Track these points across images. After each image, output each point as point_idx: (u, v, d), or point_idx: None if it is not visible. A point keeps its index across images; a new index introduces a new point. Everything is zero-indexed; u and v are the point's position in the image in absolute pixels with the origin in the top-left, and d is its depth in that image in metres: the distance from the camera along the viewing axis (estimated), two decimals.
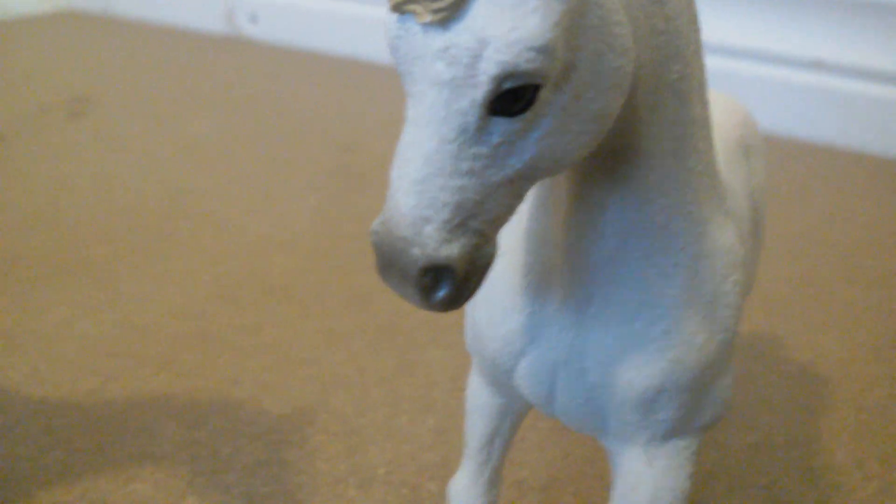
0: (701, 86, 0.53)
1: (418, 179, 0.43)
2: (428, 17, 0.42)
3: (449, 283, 0.44)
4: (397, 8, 0.44)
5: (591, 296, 0.56)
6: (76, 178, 1.86)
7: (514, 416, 0.71)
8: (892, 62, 2.32)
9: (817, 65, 2.39)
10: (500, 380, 0.65)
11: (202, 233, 1.62)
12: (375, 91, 2.59)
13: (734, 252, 0.58)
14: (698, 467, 1.05)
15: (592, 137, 0.46)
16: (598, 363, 0.56)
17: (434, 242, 0.43)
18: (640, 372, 0.56)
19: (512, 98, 0.42)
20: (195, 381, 1.17)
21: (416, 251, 0.43)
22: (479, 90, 0.42)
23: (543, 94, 0.43)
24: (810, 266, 1.62)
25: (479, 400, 0.71)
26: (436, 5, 0.42)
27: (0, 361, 1.20)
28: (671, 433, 0.59)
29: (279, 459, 1.04)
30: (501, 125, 0.43)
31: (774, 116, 2.42)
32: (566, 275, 0.56)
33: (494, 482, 0.75)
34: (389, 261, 0.45)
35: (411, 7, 0.43)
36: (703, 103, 0.54)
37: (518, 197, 0.46)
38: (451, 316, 1.36)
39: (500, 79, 0.41)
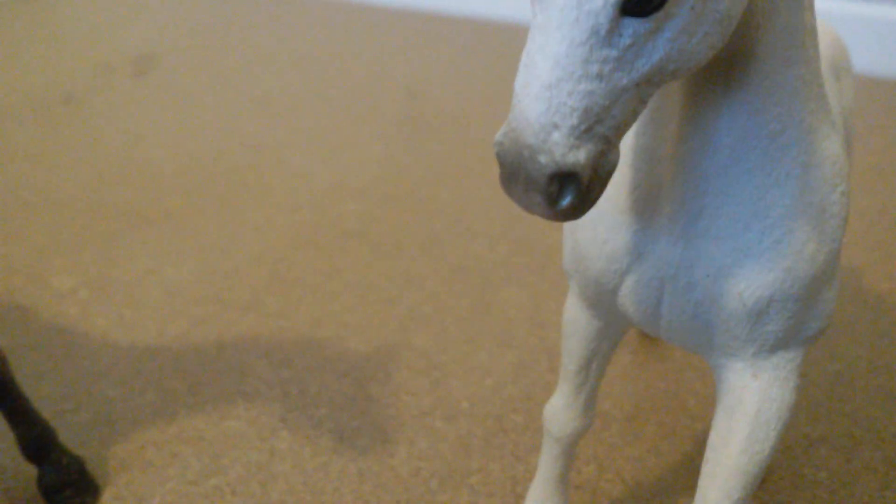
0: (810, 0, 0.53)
1: (547, 84, 0.43)
2: None
3: (574, 190, 0.44)
4: None
5: (703, 208, 0.55)
6: (147, 134, 1.90)
7: (612, 338, 0.72)
8: None
9: None
10: (603, 300, 0.65)
11: (275, 182, 1.65)
12: (436, 42, 2.59)
13: (841, 162, 0.57)
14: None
15: (718, 39, 0.46)
16: (708, 276, 0.56)
17: (562, 149, 0.43)
18: (751, 283, 0.55)
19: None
20: (280, 322, 1.21)
21: (543, 158, 0.43)
22: None
23: None
24: (885, 198, 1.60)
25: (577, 323, 0.71)
26: None
27: (87, 310, 1.25)
28: (778, 345, 0.59)
29: (366, 395, 1.06)
30: (632, 26, 0.43)
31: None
32: (677, 188, 0.56)
33: (590, 404, 0.76)
34: (515, 170, 0.44)
35: None
36: (813, 11, 0.53)
37: (643, 102, 0.45)
38: (524, 256, 1.37)
39: None
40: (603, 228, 0.61)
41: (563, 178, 0.44)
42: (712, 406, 1.06)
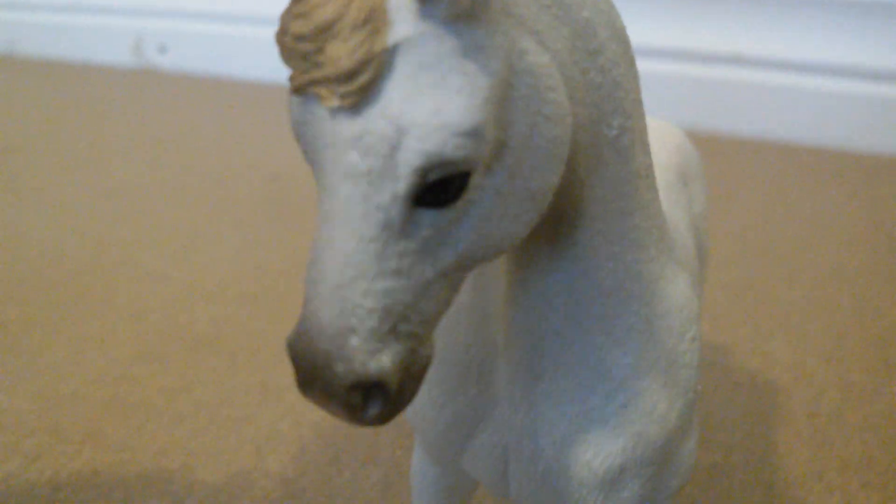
0: (642, 133, 0.49)
1: (338, 285, 0.37)
2: (335, 102, 0.36)
3: (381, 399, 0.38)
4: (299, 90, 0.37)
5: (541, 371, 0.51)
6: None
7: (464, 491, 0.66)
8: (814, 52, 2.33)
9: (737, 59, 2.39)
10: (447, 460, 0.59)
11: (120, 286, 1.54)
12: None
13: (689, 306, 0.54)
14: None
15: (532, 216, 0.41)
16: (553, 444, 0.51)
17: (362, 355, 0.37)
18: (599, 451, 0.51)
19: (439, 188, 0.37)
20: (122, 454, 1.10)
21: (341, 367, 0.37)
22: (402, 182, 0.36)
23: (474, 180, 0.37)
24: (749, 269, 1.60)
25: (425, 478, 0.66)
26: (344, 88, 0.36)
27: None
28: None
29: None
30: (429, 217, 0.37)
31: (696, 113, 2.41)
32: (512, 349, 0.51)
33: None
34: (311, 376, 0.39)
35: (315, 89, 0.36)
36: (646, 151, 0.49)
37: (453, 289, 0.40)
38: None
39: (425, 170, 0.36)
40: (438, 391, 0.55)
41: (368, 388, 0.38)
42: None
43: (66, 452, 1.11)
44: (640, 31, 2.48)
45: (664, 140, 0.77)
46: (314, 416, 1.16)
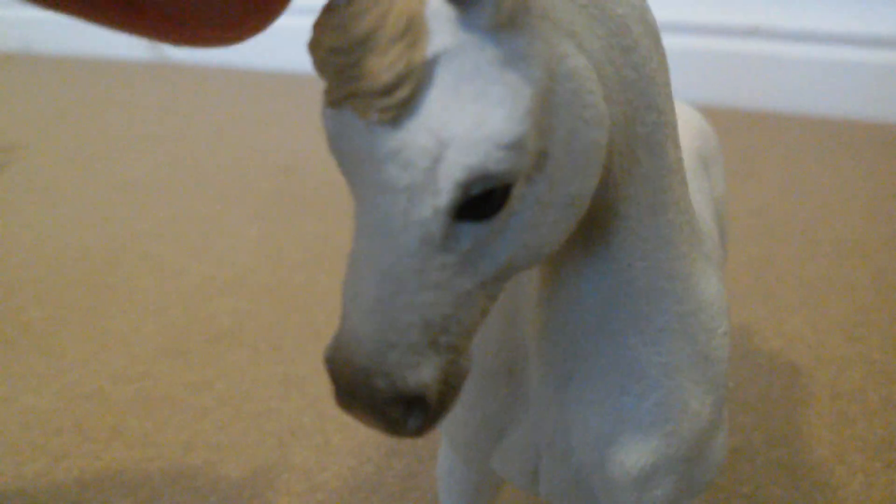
0: (673, 128, 0.48)
1: (377, 299, 0.37)
2: (374, 116, 0.35)
3: (421, 412, 0.38)
4: (336, 104, 0.36)
5: (574, 372, 0.50)
6: (6, 236, 1.78)
7: (490, 490, 0.66)
8: (832, 22, 2.30)
9: (754, 32, 2.37)
10: (477, 461, 0.60)
11: (141, 281, 1.55)
12: (313, 105, 2.53)
13: (719, 301, 0.53)
14: None
15: (571, 222, 0.40)
16: (585, 443, 0.51)
17: (402, 370, 0.37)
18: (632, 451, 0.51)
19: (481, 201, 0.36)
20: (146, 450, 1.11)
21: (381, 382, 0.37)
22: (443, 197, 0.35)
23: (516, 191, 0.37)
24: (769, 246, 1.59)
25: (452, 477, 0.66)
26: (383, 102, 0.35)
27: None
28: None
29: None
30: (470, 230, 0.37)
31: (714, 87, 2.39)
32: (544, 351, 0.51)
33: None
34: (351, 391, 0.38)
35: (353, 103, 0.36)
36: (676, 145, 0.49)
37: (492, 298, 0.40)
38: None
39: (467, 184, 0.35)
40: (469, 394, 0.55)
41: (409, 401, 0.38)
42: None
43: (93, 450, 1.12)
44: (657, 6, 2.45)
45: (685, 124, 0.77)
46: (336, 409, 1.17)
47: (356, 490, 1.02)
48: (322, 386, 1.22)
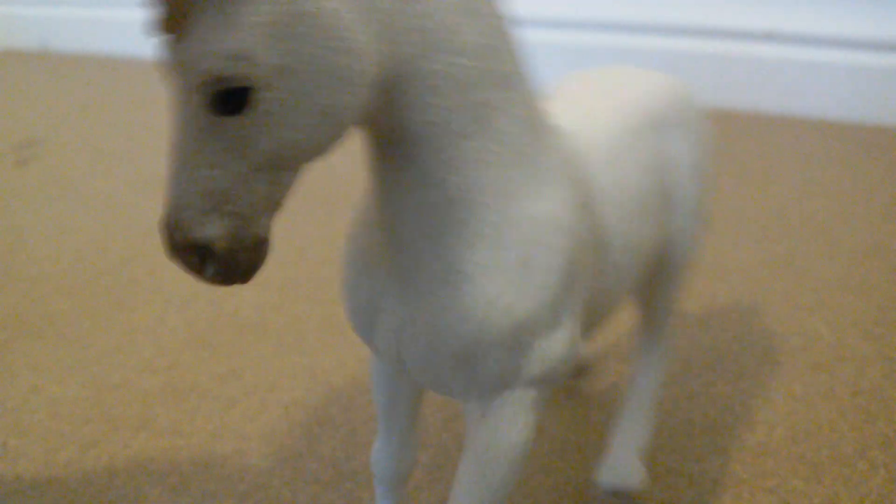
0: (501, 73, 0.56)
1: (174, 173, 0.48)
2: (163, 35, 0.47)
3: (213, 260, 0.49)
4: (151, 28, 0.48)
5: (408, 269, 0.60)
6: (31, 229, 1.80)
7: (408, 382, 0.77)
8: (848, 27, 2.31)
9: (770, 36, 2.38)
10: (365, 341, 0.70)
11: (166, 273, 1.57)
12: None
13: (553, 221, 0.61)
14: (704, 474, 1.02)
15: (331, 130, 0.50)
16: (424, 328, 0.61)
17: (191, 225, 0.48)
18: (451, 333, 0.60)
19: (231, 99, 0.46)
20: (175, 439, 1.13)
21: (177, 235, 0.49)
22: (198, 95, 0.46)
23: (258, 94, 0.46)
24: (788, 246, 1.60)
25: (374, 368, 0.77)
26: (164, 26, 0.47)
27: None
28: (499, 386, 0.62)
29: None
30: (230, 122, 0.47)
31: (731, 91, 2.40)
32: (387, 250, 0.61)
33: (406, 445, 0.81)
34: (165, 243, 0.50)
35: (155, 27, 0.47)
36: (508, 87, 0.57)
37: (276, 184, 0.50)
38: None
39: (209, 85, 0.45)
40: (350, 287, 0.66)
41: (202, 251, 0.49)
42: None
43: (122, 439, 1.14)
44: (677, 11, 2.46)
45: (637, 87, 0.83)
46: (362, 400, 1.19)
47: None
48: (347, 378, 1.24)
